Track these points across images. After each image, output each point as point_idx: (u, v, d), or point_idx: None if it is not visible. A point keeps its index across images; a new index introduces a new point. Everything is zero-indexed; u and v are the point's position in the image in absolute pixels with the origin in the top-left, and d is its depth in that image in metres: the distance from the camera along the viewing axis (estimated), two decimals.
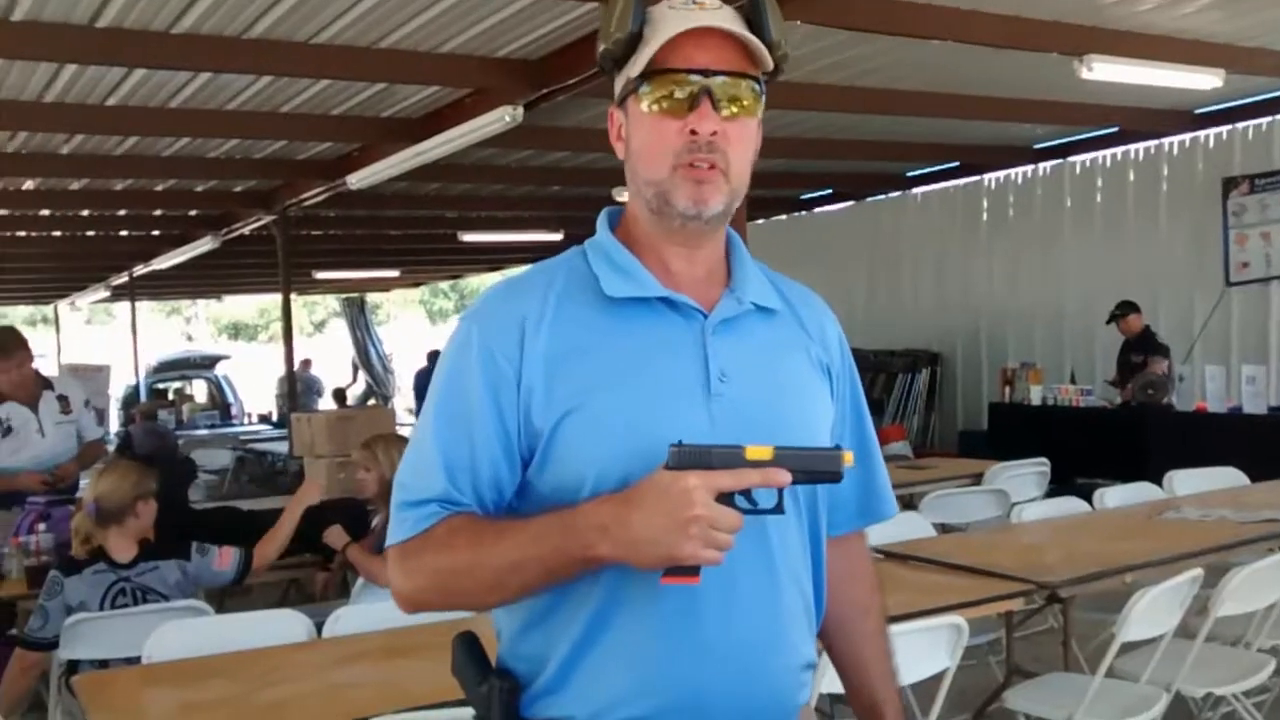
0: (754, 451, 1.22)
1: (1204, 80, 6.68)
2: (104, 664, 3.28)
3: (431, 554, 1.30)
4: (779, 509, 1.26)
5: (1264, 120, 8.66)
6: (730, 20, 1.32)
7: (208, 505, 5.64)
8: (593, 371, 1.31)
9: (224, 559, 3.69)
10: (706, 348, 1.34)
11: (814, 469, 1.25)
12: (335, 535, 4.11)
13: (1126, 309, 8.30)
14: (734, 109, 1.31)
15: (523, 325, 1.33)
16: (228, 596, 4.62)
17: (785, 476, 1.21)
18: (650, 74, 1.31)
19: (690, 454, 1.20)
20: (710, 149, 1.30)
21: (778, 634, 1.36)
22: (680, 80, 1.30)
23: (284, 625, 3.07)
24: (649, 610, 1.28)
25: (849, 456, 1.26)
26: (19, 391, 4.80)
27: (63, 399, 4.93)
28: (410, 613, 1.36)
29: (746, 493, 1.22)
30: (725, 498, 1.19)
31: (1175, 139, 9.30)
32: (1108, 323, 8.44)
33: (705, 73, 1.30)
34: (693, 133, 1.29)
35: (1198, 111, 8.82)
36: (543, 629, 1.33)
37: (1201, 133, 9.06)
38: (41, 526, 4.18)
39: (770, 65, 1.34)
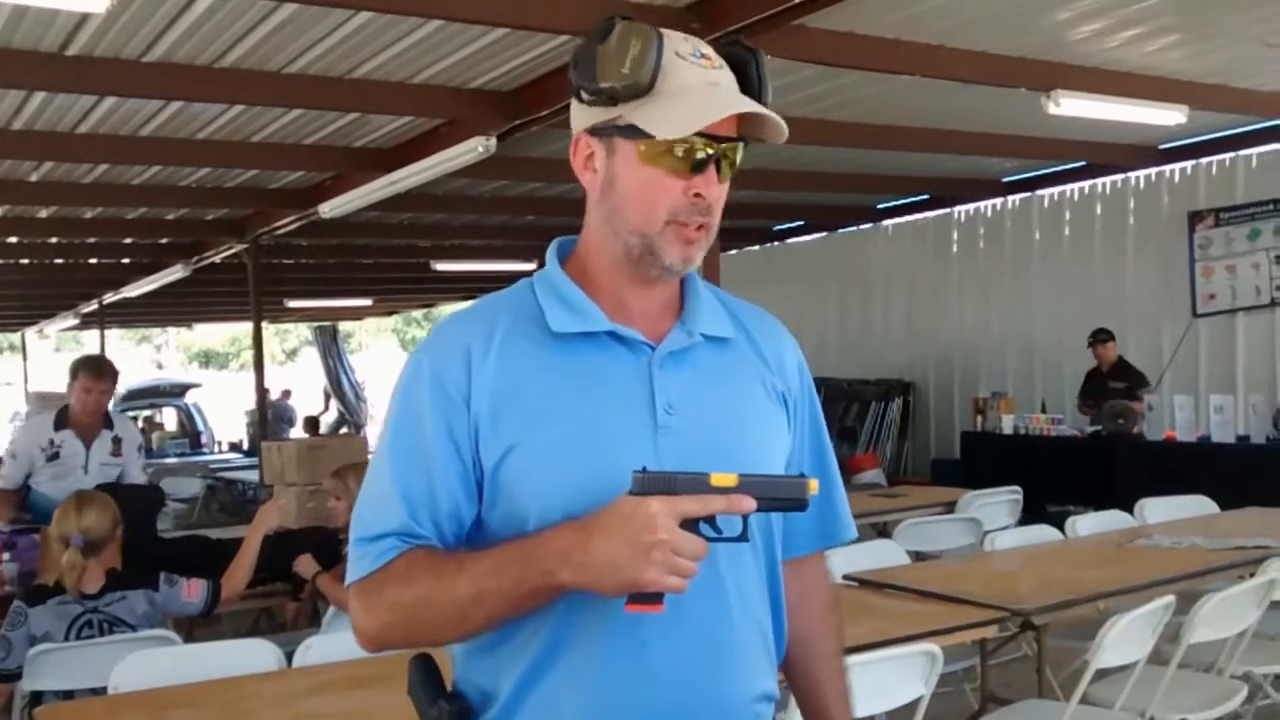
0: (719, 478, 1.20)
1: (1169, 116, 6.79)
2: (69, 695, 3.22)
3: (392, 589, 1.27)
4: (744, 536, 1.25)
5: (1227, 156, 8.81)
6: (736, 87, 1.33)
7: (177, 534, 5.58)
8: (535, 407, 1.30)
9: (192, 590, 3.64)
10: (653, 381, 1.33)
11: (778, 496, 1.24)
12: (305, 564, 4.08)
13: (1106, 335, 8.38)
14: (728, 173, 1.33)
15: (468, 353, 1.32)
16: (197, 626, 4.56)
17: (750, 503, 1.20)
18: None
19: (654, 480, 1.19)
20: (707, 211, 1.32)
21: (728, 665, 1.34)
22: (697, 145, 1.29)
23: (253, 655, 3.03)
24: (598, 640, 1.27)
25: (814, 485, 1.26)
26: (85, 418, 4.88)
27: (117, 441, 4.97)
28: (373, 650, 1.33)
29: (711, 520, 1.20)
30: (690, 524, 1.18)
31: (1141, 173, 9.44)
32: (1089, 345, 8.49)
33: (720, 140, 1.31)
34: (697, 195, 1.31)
35: (1163, 146, 8.97)
36: (493, 656, 1.32)
37: (1167, 167, 9.21)
38: (5, 556, 4.12)
39: (783, 138, 1.34)
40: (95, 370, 4.91)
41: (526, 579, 1.21)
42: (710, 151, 1.30)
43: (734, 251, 13.36)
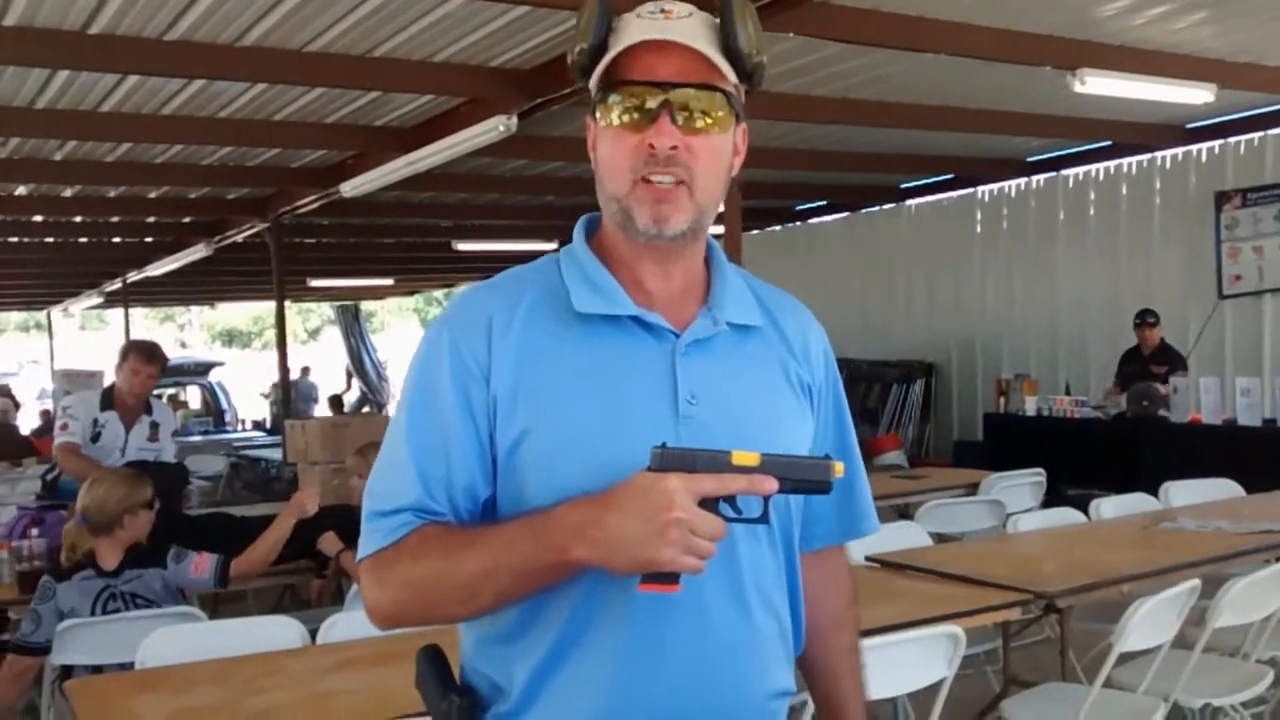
0: (740, 457, 1.17)
1: (1196, 95, 6.71)
2: (98, 669, 3.25)
3: (404, 564, 1.25)
4: (764, 518, 1.22)
5: (1255, 135, 8.70)
6: (692, 31, 1.26)
7: (201, 511, 5.63)
8: (555, 390, 1.27)
9: (200, 566, 3.67)
10: (676, 369, 1.30)
11: (802, 478, 1.21)
12: (329, 542, 4.10)
13: (1155, 318, 8.23)
14: (699, 122, 1.26)
15: (489, 323, 1.29)
16: (222, 602, 4.60)
17: (772, 483, 1.17)
18: (610, 85, 1.27)
19: (674, 456, 1.16)
20: (670, 163, 1.25)
21: (747, 660, 1.32)
22: (638, 92, 1.25)
23: (278, 631, 3.05)
24: (615, 633, 1.25)
25: (840, 467, 1.22)
26: (130, 399, 5.01)
27: (154, 426, 5.10)
28: (385, 628, 1.31)
29: (731, 500, 1.17)
30: (709, 504, 1.14)
31: (1168, 153, 9.34)
32: (1135, 326, 8.35)
33: (665, 85, 1.24)
34: (651, 147, 1.24)
35: (1189, 126, 8.86)
36: (505, 648, 1.29)
37: (1194, 147, 9.11)
38: (34, 531, 4.17)
39: (733, 77, 1.28)
40: (146, 354, 5.04)
41: (539, 554, 1.18)
42: (659, 99, 1.24)
43: (756, 231, 13.31)
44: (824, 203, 12.69)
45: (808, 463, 1.23)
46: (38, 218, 11.14)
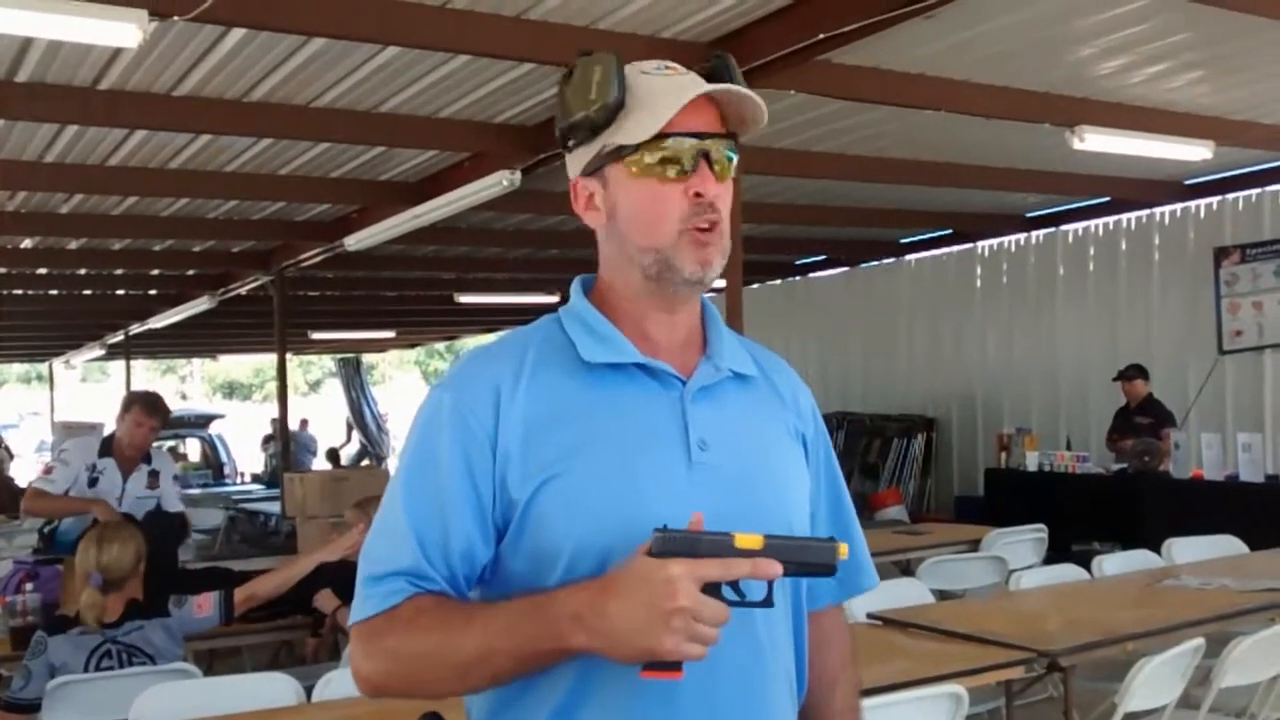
0: (743, 540, 1.14)
1: (1194, 152, 6.77)
2: None
3: (395, 637, 1.23)
4: (768, 602, 1.20)
5: (1254, 191, 8.76)
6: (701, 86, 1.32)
7: (198, 565, 5.59)
8: (571, 439, 1.27)
9: (203, 606, 3.64)
10: (686, 415, 1.32)
11: (806, 561, 1.19)
12: (325, 599, 4.07)
13: (1137, 372, 8.28)
14: (723, 171, 1.32)
15: (498, 390, 1.29)
16: (217, 658, 4.55)
17: (776, 568, 1.15)
18: (649, 139, 1.29)
19: (675, 540, 1.13)
20: (712, 210, 1.31)
21: (761, 710, 1.31)
22: (681, 145, 1.29)
23: (273, 689, 3.02)
24: (625, 694, 1.22)
25: (844, 549, 1.20)
26: (130, 450, 5.01)
27: (154, 474, 5.09)
28: (372, 697, 1.28)
29: (734, 583, 1.16)
30: (712, 589, 1.13)
31: (1166, 209, 9.39)
32: (1115, 379, 8.40)
33: (701, 136, 1.30)
34: (698, 195, 1.29)
35: (1188, 182, 8.93)
36: (514, 710, 1.28)
37: (1192, 203, 9.17)
38: (29, 586, 4.13)
39: (763, 124, 1.34)
40: (150, 406, 5.05)
41: (537, 640, 1.17)
42: (697, 149, 1.29)
43: (755, 286, 13.36)
44: (823, 257, 12.75)
45: (812, 545, 1.21)
46: (42, 270, 11.20)
